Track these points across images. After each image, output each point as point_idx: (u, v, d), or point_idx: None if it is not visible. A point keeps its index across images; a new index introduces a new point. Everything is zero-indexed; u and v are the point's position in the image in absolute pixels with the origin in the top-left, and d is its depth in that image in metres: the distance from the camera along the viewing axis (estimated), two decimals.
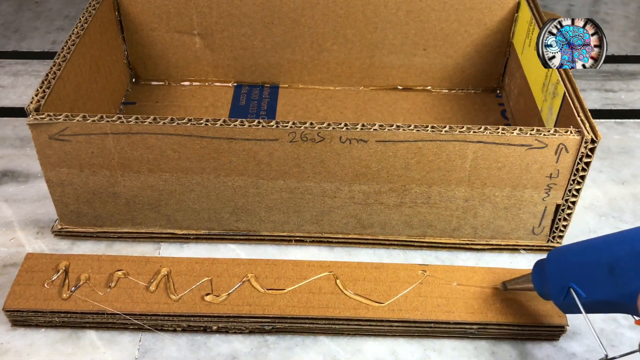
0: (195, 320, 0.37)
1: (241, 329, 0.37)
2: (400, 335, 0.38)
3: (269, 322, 0.37)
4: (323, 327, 0.37)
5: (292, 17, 0.52)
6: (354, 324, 0.37)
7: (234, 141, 0.37)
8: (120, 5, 0.52)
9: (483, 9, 0.51)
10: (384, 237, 0.43)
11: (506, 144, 0.37)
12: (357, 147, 0.38)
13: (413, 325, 0.37)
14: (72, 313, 0.37)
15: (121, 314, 0.37)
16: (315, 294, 0.38)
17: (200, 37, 0.54)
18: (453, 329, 0.37)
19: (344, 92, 0.56)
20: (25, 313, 0.37)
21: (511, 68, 0.53)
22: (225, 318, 0.37)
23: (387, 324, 0.37)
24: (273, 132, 0.37)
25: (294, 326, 0.37)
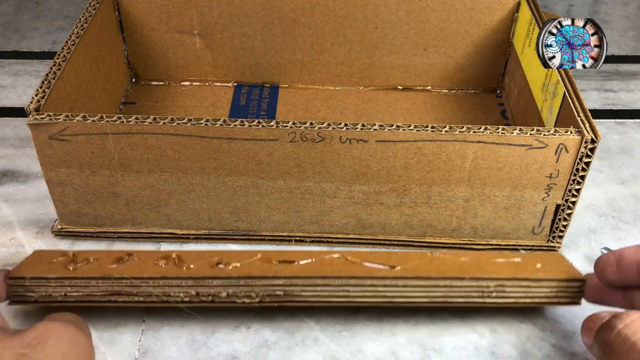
0: (205, 285, 0.35)
1: (251, 295, 0.36)
2: (414, 299, 0.37)
3: (281, 286, 0.35)
4: (337, 294, 0.36)
5: (292, 17, 0.52)
6: (369, 286, 0.36)
7: (234, 141, 0.37)
8: (120, 5, 0.52)
9: (483, 9, 0.51)
10: (384, 237, 0.43)
11: (506, 144, 0.37)
12: (357, 147, 0.38)
13: (428, 286, 0.36)
14: (76, 279, 0.35)
15: (128, 278, 0.35)
16: (326, 265, 0.36)
17: (200, 37, 0.54)
18: (469, 289, 0.36)
19: (344, 92, 0.56)
20: (27, 282, 0.35)
21: (511, 68, 0.53)
22: (235, 280, 0.35)
23: (402, 285, 0.36)
24: (273, 132, 0.37)
25: (306, 292, 0.36)
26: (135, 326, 0.38)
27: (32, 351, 0.26)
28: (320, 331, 0.39)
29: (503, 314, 0.40)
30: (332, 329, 0.39)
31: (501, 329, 0.39)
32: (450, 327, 0.39)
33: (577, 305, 0.37)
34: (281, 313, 0.40)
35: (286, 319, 0.39)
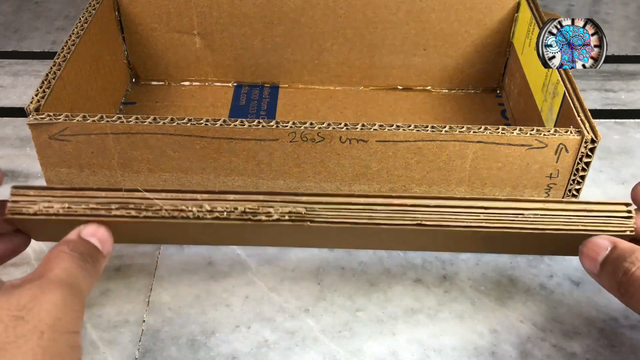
0: (220, 200, 0.32)
1: (269, 212, 0.32)
2: (445, 223, 0.33)
3: (304, 203, 0.32)
4: (362, 214, 0.33)
5: (292, 17, 0.52)
6: (397, 206, 0.33)
7: (234, 141, 0.37)
8: (120, 5, 0.52)
9: (483, 9, 0.51)
10: None
11: (506, 144, 0.37)
12: (357, 147, 0.38)
13: (462, 207, 0.33)
14: (84, 190, 0.33)
15: (140, 190, 0.32)
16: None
17: (201, 37, 0.54)
18: (507, 212, 0.33)
19: (344, 92, 0.56)
20: (32, 193, 0.32)
21: (511, 68, 0.53)
22: (254, 196, 0.32)
23: (433, 205, 0.33)
24: (273, 132, 0.37)
25: (330, 210, 0.32)
26: (135, 326, 0.39)
27: (28, 314, 0.26)
28: (320, 331, 0.39)
29: (503, 314, 0.40)
30: (332, 329, 0.39)
31: (501, 329, 0.39)
32: (450, 327, 0.39)
33: (630, 234, 0.33)
34: (281, 313, 0.40)
35: (286, 319, 0.39)
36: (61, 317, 0.27)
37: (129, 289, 0.41)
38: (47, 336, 0.26)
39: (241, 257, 0.43)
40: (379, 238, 0.36)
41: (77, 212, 0.32)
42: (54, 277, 0.28)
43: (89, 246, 0.31)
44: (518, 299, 0.41)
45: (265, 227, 0.33)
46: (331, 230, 0.33)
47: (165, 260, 0.43)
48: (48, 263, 0.29)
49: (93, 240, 0.32)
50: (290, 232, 0.34)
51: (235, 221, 0.32)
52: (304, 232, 0.34)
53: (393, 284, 0.42)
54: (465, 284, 0.42)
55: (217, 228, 0.33)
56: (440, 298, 0.41)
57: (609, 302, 0.40)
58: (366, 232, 0.34)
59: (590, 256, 0.33)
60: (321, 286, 0.41)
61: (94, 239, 0.32)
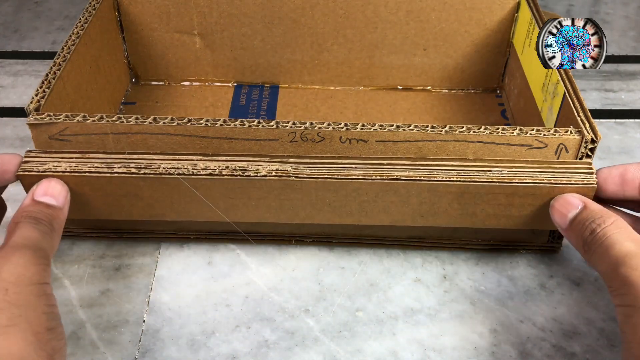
0: (215, 160, 0.37)
1: (258, 170, 0.37)
2: (418, 179, 0.37)
3: (291, 163, 0.37)
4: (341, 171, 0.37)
5: (292, 17, 0.52)
6: (375, 163, 0.37)
7: (234, 141, 0.37)
8: (120, 5, 0.52)
9: (483, 9, 0.51)
10: (384, 236, 0.43)
11: (506, 144, 0.37)
12: (357, 147, 0.38)
13: (431, 166, 0.37)
14: (85, 153, 0.38)
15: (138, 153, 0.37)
16: None
17: (201, 37, 0.54)
18: (473, 168, 0.37)
19: (344, 92, 0.56)
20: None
21: (511, 68, 0.53)
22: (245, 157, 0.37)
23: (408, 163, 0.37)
24: (273, 132, 0.37)
25: (315, 168, 0.37)
26: (135, 326, 0.39)
27: None
28: (320, 331, 0.39)
29: (503, 314, 0.40)
30: (332, 329, 0.39)
31: (501, 329, 0.39)
32: (450, 327, 0.39)
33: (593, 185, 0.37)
34: (281, 313, 0.40)
35: (286, 319, 0.39)
36: (23, 272, 0.30)
37: (129, 289, 0.41)
38: (12, 290, 0.29)
39: (241, 257, 0.43)
40: (359, 205, 0.38)
41: (82, 170, 0.37)
42: (12, 243, 0.32)
43: (41, 207, 0.35)
44: (518, 299, 0.41)
45: (254, 186, 0.37)
46: (313, 189, 0.37)
47: (165, 260, 0.43)
48: (7, 236, 0.33)
49: (45, 199, 0.36)
50: (276, 197, 0.38)
51: (227, 177, 0.37)
52: (289, 196, 0.38)
53: (393, 284, 0.42)
54: (465, 284, 0.42)
55: (209, 187, 0.37)
56: (440, 298, 0.41)
57: (609, 302, 0.40)
58: (346, 192, 0.37)
59: (562, 212, 0.36)
60: (321, 286, 0.41)
61: (46, 197, 0.36)
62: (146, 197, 0.38)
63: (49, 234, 0.34)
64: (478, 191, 0.37)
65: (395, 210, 0.39)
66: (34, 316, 0.29)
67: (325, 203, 0.38)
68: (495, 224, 0.39)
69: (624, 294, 0.30)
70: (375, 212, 0.39)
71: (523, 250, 0.43)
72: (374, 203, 0.38)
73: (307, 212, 0.39)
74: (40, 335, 0.29)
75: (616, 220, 0.33)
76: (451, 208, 0.38)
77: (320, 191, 0.38)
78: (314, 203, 0.38)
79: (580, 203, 0.36)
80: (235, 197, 0.38)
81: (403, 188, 0.37)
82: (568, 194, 0.37)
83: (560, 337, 0.39)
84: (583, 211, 0.35)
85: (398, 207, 0.38)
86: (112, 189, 0.37)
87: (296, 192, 0.38)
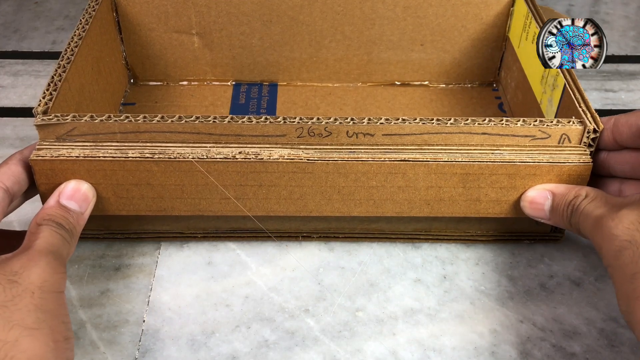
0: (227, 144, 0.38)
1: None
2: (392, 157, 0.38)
3: (301, 144, 0.38)
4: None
5: (290, 15, 0.52)
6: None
7: (242, 137, 0.38)
8: (118, 6, 0.52)
9: (479, 3, 0.52)
10: (391, 231, 0.43)
11: (510, 135, 0.38)
12: (363, 141, 0.38)
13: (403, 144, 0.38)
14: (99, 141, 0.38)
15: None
16: None
17: (199, 36, 0.54)
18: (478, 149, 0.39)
19: (343, 88, 0.56)
20: None
21: (507, 61, 0.54)
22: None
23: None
24: (281, 127, 0.37)
25: None
26: (135, 326, 0.39)
27: (20, 278, 0.30)
28: (320, 331, 0.39)
29: (503, 314, 0.40)
30: (332, 329, 0.39)
31: (501, 329, 0.39)
32: (450, 327, 0.39)
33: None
34: (281, 313, 0.40)
35: (286, 319, 0.39)
36: (47, 279, 0.31)
37: (129, 289, 0.41)
38: (37, 295, 0.30)
39: (241, 257, 0.43)
40: (368, 191, 0.39)
41: (96, 155, 0.37)
42: (37, 247, 0.32)
43: (65, 212, 0.36)
44: (518, 299, 0.41)
45: (266, 170, 0.38)
46: (324, 172, 0.38)
47: (165, 260, 0.43)
48: (31, 236, 0.33)
49: (71, 204, 0.36)
50: (287, 183, 0.38)
51: (240, 160, 0.37)
52: (300, 181, 0.38)
53: (393, 284, 0.42)
54: (465, 284, 0.42)
55: (222, 172, 0.38)
56: (440, 298, 0.41)
57: (609, 302, 0.41)
58: (355, 176, 0.38)
59: (537, 209, 0.39)
60: (321, 286, 0.41)
61: (72, 202, 0.36)
62: (157, 185, 0.38)
63: (68, 241, 0.34)
64: (482, 172, 0.38)
65: (402, 197, 0.39)
66: (55, 324, 0.30)
67: (335, 190, 0.39)
68: (498, 211, 0.40)
69: (608, 247, 0.33)
70: (383, 200, 0.39)
71: (527, 241, 0.44)
72: (382, 189, 0.39)
73: (317, 201, 0.39)
74: (58, 344, 0.29)
75: (587, 192, 0.36)
76: (456, 193, 0.39)
77: (330, 175, 0.38)
78: (324, 190, 0.39)
79: (547, 192, 0.38)
80: (247, 184, 0.38)
81: (411, 170, 0.38)
82: (532, 189, 0.39)
83: (560, 337, 0.39)
84: (555, 198, 0.38)
85: (406, 193, 0.39)
86: (124, 176, 0.38)
87: (307, 178, 0.38)
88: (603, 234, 0.33)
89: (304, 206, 0.39)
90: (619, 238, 0.32)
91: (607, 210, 0.34)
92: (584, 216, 0.35)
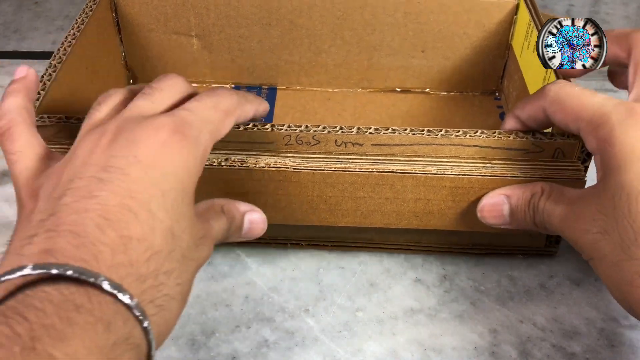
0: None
1: None
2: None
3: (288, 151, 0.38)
4: None
5: (289, 18, 0.52)
6: None
7: (229, 143, 0.37)
8: (117, 7, 0.52)
9: (482, 11, 0.51)
10: (381, 241, 0.42)
11: (503, 147, 0.37)
12: (352, 150, 0.37)
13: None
14: None
15: None
16: None
17: (198, 38, 0.53)
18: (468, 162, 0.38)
19: (342, 94, 0.56)
20: None
21: (510, 70, 0.53)
22: None
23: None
24: (268, 135, 0.37)
25: None
26: None
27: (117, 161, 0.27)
28: (320, 331, 0.39)
29: (503, 314, 0.40)
30: (332, 329, 0.39)
31: (501, 329, 0.39)
32: (450, 327, 0.39)
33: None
34: (281, 313, 0.40)
35: (286, 319, 0.39)
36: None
37: None
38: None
39: (241, 257, 0.43)
40: (355, 202, 0.38)
41: None
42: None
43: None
44: (518, 299, 0.41)
45: (252, 178, 0.37)
46: (310, 182, 0.37)
47: None
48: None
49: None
50: (273, 191, 0.38)
51: (225, 168, 0.37)
52: (286, 190, 0.38)
53: (393, 284, 0.42)
54: (465, 284, 0.42)
55: (206, 180, 0.35)
56: (440, 298, 0.41)
57: (609, 302, 0.40)
58: (343, 186, 0.37)
59: (496, 215, 0.37)
60: (321, 286, 0.41)
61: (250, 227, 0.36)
62: None
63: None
64: (472, 185, 0.37)
65: (390, 208, 0.38)
66: None
67: (322, 200, 0.38)
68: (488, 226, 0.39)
69: (582, 242, 0.32)
70: (371, 211, 0.39)
71: (520, 256, 0.43)
72: (369, 199, 0.38)
73: (303, 210, 0.39)
74: None
75: (543, 188, 0.36)
76: (446, 206, 0.38)
77: (317, 185, 0.37)
78: (310, 199, 0.38)
79: (502, 196, 0.37)
80: (232, 192, 0.38)
81: (399, 182, 0.37)
82: (485, 196, 0.37)
83: (560, 337, 0.38)
84: (511, 200, 0.37)
85: (394, 204, 0.38)
86: None
87: (293, 186, 0.38)
88: (573, 230, 0.33)
89: (291, 215, 0.39)
90: (590, 232, 0.31)
91: (568, 206, 0.33)
92: (547, 214, 0.35)
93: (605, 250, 0.31)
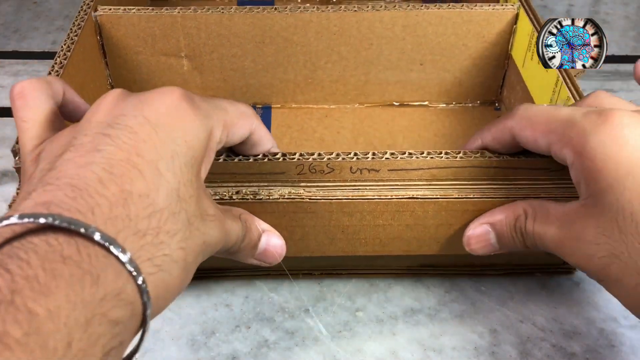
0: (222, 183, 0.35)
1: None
2: None
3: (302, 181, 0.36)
4: None
5: (283, 35, 0.50)
6: None
7: (238, 175, 0.35)
8: (102, 29, 0.49)
9: (481, 21, 0.50)
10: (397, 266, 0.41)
11: (524, 168, 0.36)
12: (368, 177, 0.36)
13: None
14: None
15: None
16: None
17: (188, 59, 0.51)
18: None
19: (340, 110, 0.54)
20: None
21: (511, 80, 0.52)
22: None
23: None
24: (279, 165, 0.35)
25: None
26: None
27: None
28: (320, 331, 0.39)
29: (503, 314, 0.40)
30: (332, 329, 0.39)
31: (501, 329, 0.39)
32: (450, 327, 0.39)
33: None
34: (281, 313, 0.39)
35: (286, 319, 0.39)
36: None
37: None
38: None
39: None
40: (374, 230, 0.37)
41: None
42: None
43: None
44: (518, 299, 0.41)
45: (265, 210, 0.35)
46: (327, 212, 0.35)
47: None
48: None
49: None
50: (288, 223, 0.36)
51: (237, 201, 0.35)
52: (301, 221, 0.36)
53: (393, 284, 0.41)
54: (465, 284, 0.42)
55: None
56: (440, 298, 0.41)
57: (609, 302, 0.40)
58: (361, 215, 0.36)
59: (483, 246, 0.36)
60: (321, 286, 0.41)
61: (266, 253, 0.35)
62: None
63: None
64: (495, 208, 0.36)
65: (411, 235, 0.37)
66: None
67: (339, 230, 0.37)
68: None
69: (590, 267, 0.31)
70: (391, 238, 0.37)
71: (538, 274, 0.42)
72: (389, 227, 0.37)
73: (319, 241, 0.37)
74: None
75: (525, 210, 0.34)
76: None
77: (334, 214, 0.36)
78: (327, 230, 0.37)
79: (487, 226, 0.36)
80: None
81: (420, 208, 0.36)
82: (467, 229, 0.36)
83: (560, 337, 0.38)
84: (495, 228, 0.35)
85: (414, 231, 0.37)
86: None
87: (309, 217, 0.36)
88: (575, 256, 0.31)
89: (306, 247, 0.37)
90: (595, 257, 0.30)
91: (560, 229, 0.32)
92: (538, 238, 0.33)
93: (619, 275, 0.29)
